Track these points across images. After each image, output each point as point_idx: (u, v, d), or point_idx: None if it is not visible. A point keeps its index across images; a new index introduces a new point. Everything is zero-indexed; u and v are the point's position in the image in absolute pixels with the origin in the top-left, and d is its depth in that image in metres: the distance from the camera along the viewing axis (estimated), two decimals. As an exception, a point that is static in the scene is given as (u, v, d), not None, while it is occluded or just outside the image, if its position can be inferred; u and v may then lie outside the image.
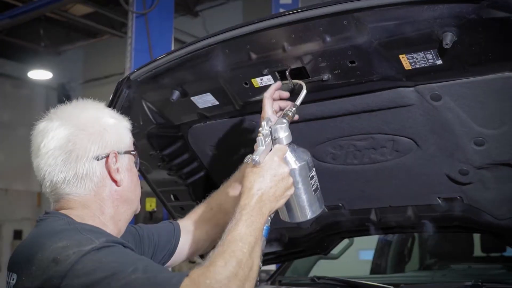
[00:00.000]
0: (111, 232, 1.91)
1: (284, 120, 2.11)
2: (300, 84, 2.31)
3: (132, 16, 6.96)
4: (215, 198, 2.47)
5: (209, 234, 2.41)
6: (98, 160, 1.88)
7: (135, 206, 2.04)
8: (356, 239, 4.38)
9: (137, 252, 2.11)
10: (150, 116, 2.81)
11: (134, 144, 2.06)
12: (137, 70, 2.65)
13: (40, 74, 14.34)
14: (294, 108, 2.20)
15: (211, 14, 11.61)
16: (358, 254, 7.17)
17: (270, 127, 2.04)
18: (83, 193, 1.88)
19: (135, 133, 2.86)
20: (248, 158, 2.09)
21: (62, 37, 13.56)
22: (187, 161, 3.08)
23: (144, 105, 2.77)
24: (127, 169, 1.97)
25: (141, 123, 2.83)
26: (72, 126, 1.87)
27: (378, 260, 4.71)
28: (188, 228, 2.42)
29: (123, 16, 9.04)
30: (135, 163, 2.04)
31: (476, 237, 4.74)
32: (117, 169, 1.92)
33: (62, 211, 1.88)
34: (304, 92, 2.25)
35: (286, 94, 2.35)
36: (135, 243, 2.19)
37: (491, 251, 4.79)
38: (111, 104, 2.72)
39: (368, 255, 5.17)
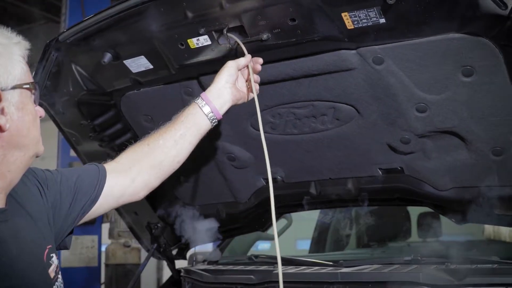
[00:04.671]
0: None
1: None
2: (238, 45, 2.23)
3: (66, -7, 6.71)
4: (153, 136, 2.17)
5: (142, 176, 2.12)
6: None
7: (32, 151, 1.69)
8: (295, 228, 4.32)
9: (52, 199, 1.89)
10: (81, 82, 2.66)
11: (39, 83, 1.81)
12: (66, 30, 2.51)
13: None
14: None
15: None
16: (296, 244, 7.12)
17: None
18: None
19: (64, 100, 2.74)
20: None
21: (-7, 21, 13.12)
22: (120, 132, 2.94)
23: (74, 69, 2.63)
24: (17, 108, 1.61)
25: (71, 89, 2.70)
26: None
27: (317, 240, 4.66)
28: (118, 169, 2.09)
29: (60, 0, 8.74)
30: (34, 98, 1.68)
31: (413, 221, 4.72)
32: (1, 110, 1.57)
33: None
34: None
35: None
36: (50, 190, 1.90)
37: (426, 236, 4.78)
38: (38, 69, 2.57)
39: (306, 245, 5.10)
